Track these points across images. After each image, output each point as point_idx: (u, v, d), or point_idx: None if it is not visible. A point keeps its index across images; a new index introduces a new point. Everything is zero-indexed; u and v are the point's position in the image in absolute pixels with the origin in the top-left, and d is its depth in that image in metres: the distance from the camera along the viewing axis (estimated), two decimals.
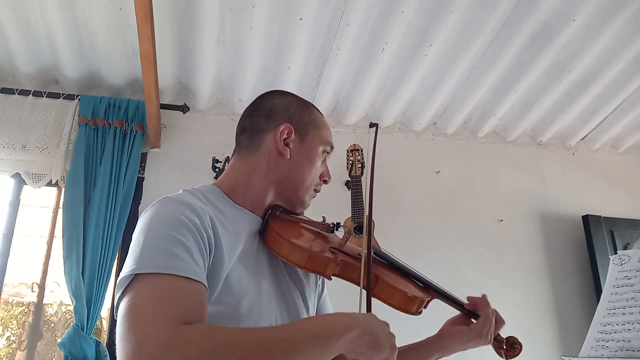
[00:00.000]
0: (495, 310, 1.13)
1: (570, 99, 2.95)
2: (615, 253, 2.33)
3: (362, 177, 2.58)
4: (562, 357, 2.70)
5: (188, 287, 0.72)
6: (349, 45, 2.48)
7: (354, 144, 2.68)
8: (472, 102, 2.95)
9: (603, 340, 1.40)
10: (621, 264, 1.54)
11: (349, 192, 2.60)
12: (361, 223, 2.46)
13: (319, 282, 1.10)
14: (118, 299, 0.73)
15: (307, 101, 1.08)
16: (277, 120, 1.00)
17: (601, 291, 1.55)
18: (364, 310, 0.88)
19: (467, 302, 1.15)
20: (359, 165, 2.61)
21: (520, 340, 1.16)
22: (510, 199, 3.17)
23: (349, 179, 2.65)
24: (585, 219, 3.07)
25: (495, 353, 1.17)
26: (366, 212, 0.96)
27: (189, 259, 0.75)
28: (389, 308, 1.01)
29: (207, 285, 0.76)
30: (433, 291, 1.11)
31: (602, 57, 2.61)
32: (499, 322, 1.13)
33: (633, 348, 1.32)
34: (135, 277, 0.72)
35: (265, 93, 1.08)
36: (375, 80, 2.74)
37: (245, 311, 0.84)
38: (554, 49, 2.51)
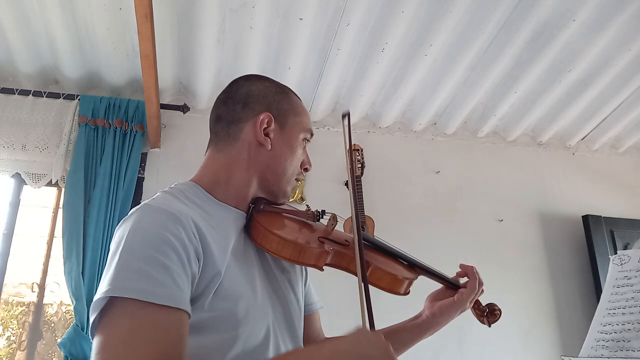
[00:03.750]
0: (480, 281, 1.13)
1: (570, 99, 2.95)
2: (615, 253, 2.33)
3: (362, 177, 2.58)
4: (562, 357, 2.70)
5: (166, 319, 0.68)
6: (349, 45, 2.48)
7: (354, 144, 2.68)
8: (472, 102, 2.95)
9: (603, 340, 1.40)
10: (621, 264, 1.54)
11: (349, 192, 2.60)
12: (361, 223, 2.46)
13: (304, 270, 1.09)
14: (93, 322, 0.69)
15: (284, 86, 1.03)
16: (255, 108, 0.96)
17: (601, 291, 1.55)
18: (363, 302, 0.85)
19: (457, 272, 1.17)
20: (359, 165, 2.61)
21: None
22: (510, 199, 3.17)
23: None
24: (585, 219, 3.07)
25: (478, 320, 1.20)
26: (353, 214, 0.94)
27: (169, 283, 0.70)
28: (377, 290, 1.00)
29: (189, 311, 0.72)
30: (419, 269, 1.12)
31: (602, 57, 2.61)
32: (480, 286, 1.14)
33: (633, 348, 1.32)
34: (110, 301, 0.68)
35: (240, 78, 1.03)
36: (375, 80, 2.74)
37: (243, 315, 0.81)
38: (554, 49, 2.51)
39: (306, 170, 1.04)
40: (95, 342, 0.67)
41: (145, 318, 0.67)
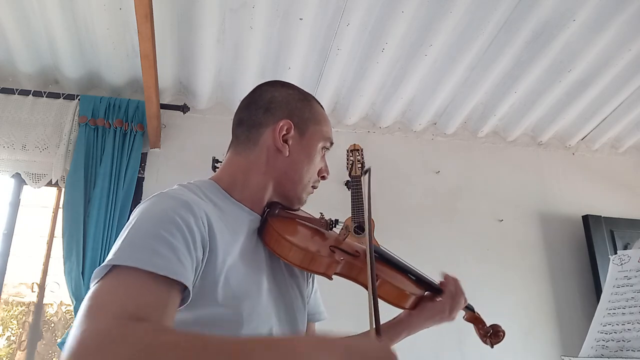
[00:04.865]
0: (458, 288, 1.13)
1: (570, 99, 2.95)
2: (615, 253, 2.33)
3: (362, 177, 2.58)
4: (562, 357, 2.70)
5: (158, 285, 0.69)
6: (349, 45, 2.48)
7: (354, 144, 2.68)
8: (472, 102, 2.95)
9: (603, 340, 1.40)
10: (621, 264, 1.54)
11: (349, 192, 2.60)
12: (361, 223, 2.46)
13: (310, 278, 1.09)
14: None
15: (307, 94, 1.05)
16: (276, 114, 0.97)
17: (601, 291, 1.55)
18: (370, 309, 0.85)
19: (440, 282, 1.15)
20: (359, 165, 2.61)
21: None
22: (510, 199, 3.17)
23: (349, 179, 2.64)
24: (585, 219, 3.07)
25: (483, 343, 1.21)
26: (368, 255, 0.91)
27: (170, 256, 0.71)
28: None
29: (187, 284, 0.72)
30: (426, 285, 1.12)
31: (602, 57, 2.61)
32: (460, 298, 1.13)
33: (633, 348, 1.32)
34: (111, 269, 0.70)
35: (265, 83, 1.05)
36: (375, 80, 2.74)
37: (247, 314, 0.82)
38: (554, 49, 2.51)
39: (323, 178, 1.05)
40: (87, 295, 0.69)
41: (137, 279, 0.68)
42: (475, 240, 3.00)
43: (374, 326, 0.79)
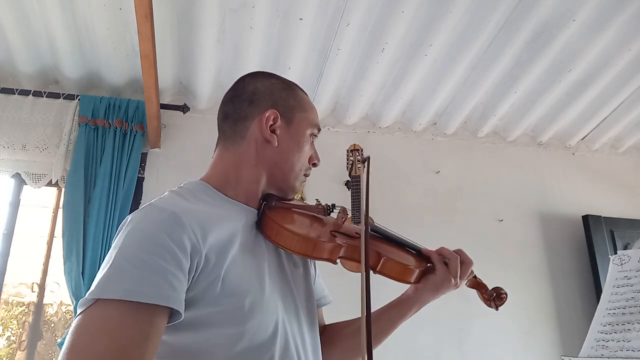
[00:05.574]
0: (460, 255, 1.12)
1: (570, 99, 2.95)
2: (615, 253, 2.33)
3: (362, 177, 2.58)
4: (562, 357, 2.70)
5: (141, 316, 0.69)
6: (349, 45, 2.48)
7: (354, 144, 2.68)
8: (472, 102, 2.95)
9: (603, 340, 1.40)
10: (621, 264, 1.54)
11: (349, 192, 2.60)
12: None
13: (311, 264, 1.09)
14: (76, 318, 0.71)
15: (290, 82, 1.04)
16: (261, 105, 0.97)
17: (601, 291, 1.55)
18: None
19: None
20: (359, 166, 2.61)
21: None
22: (510, 199, 3.17)
23: (349, 179, 2.64)
24: (585, 219, 3.07)
25: (487, 306, 1.21)
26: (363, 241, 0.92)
27: (157, 281, 0.71)
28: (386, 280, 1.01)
29: (178, 308, 0.73)
30: (426, 257, 1.13)
31: (602, 57, 2.61)
32: (467, 264, 1.12)
33: (633, 348, 1.32)
34: (96, 301, 0.70)
35: (246, 75, 1.03)
36: (375, 80, 2.74)
37: (249, 309, 0.81)
38: (554, 49, 2.51)
39: (314, 165, 1.04)
40: (72, 325, 0.69)
41: (119, 315, 0.68)
42: (475, 240, 3.00)
43: (366, 316, 0.80)
